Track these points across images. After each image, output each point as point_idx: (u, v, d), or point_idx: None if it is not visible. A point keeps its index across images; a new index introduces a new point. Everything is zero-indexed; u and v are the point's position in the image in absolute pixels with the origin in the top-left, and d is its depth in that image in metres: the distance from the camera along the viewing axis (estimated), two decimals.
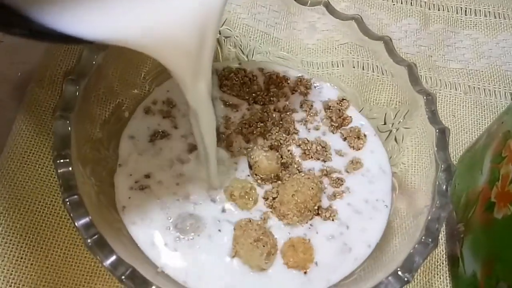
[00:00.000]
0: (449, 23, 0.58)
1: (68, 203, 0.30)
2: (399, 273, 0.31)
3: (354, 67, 0.47)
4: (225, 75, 0.46)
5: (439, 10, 0.59)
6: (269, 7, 0.50)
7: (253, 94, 0.45)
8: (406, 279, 0.31)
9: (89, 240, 0.30)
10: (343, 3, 0.56)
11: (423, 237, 0.33)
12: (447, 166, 0.35)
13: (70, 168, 0.31)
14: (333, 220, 0.39)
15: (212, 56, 0.29)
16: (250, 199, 0.38)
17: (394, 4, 0.58)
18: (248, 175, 0.41)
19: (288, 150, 0.42)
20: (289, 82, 0.47)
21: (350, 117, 0.45)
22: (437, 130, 0.37)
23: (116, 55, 0.38)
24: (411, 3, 0.59)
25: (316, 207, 0.39)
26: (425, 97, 0.38)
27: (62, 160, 0.32)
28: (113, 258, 0.30)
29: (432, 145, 0.37)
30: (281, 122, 0.44)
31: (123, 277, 0.29)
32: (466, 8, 0.59)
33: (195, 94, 0.30)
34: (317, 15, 0.46)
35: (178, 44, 0.26)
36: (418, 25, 0.57)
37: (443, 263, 0.45)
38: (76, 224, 0.30)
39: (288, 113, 0.44)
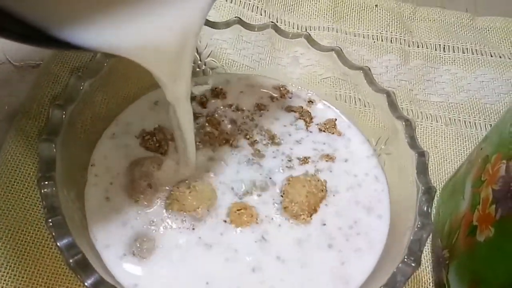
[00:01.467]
0: (428, 59, 0.61)
1: (50, 223, 0.31)
2: None
3: (337, 100, 0.49)
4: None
5: (418, 47, 0.62)
6: (253, 43, 0.52)
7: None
8: None
9: (71, 260, 0.30)
10: (325, 40, 0.59)
11: (405, 257, 0.33)
12: (428, 188, 0.36)
13: (54, 189, 0.32)
14: None
15: (192, 61, 0.31)
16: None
17: (374, 42, 0.61)
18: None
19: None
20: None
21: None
22: (416, 154, 0.38)
23: (103, 83, 0.39)
24: (391, 40, 0.61)
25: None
26: (403, 123, 0.40)
27: (46, 182, 0.32)
28: (95, 277, 0.30)
29: (412, 168, 0.38)
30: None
31: None
32: (444, 45, 0.62)
33: (175, 93, 0.32)
34: (300, 49, 0.48)
35: (161, 52, 0.28)
36: (399, 61, 0.60)
37: None
38: (58, 244, 0.30)
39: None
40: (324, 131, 0.45)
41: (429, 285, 0.46)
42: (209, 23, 0.45)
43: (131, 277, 0.35)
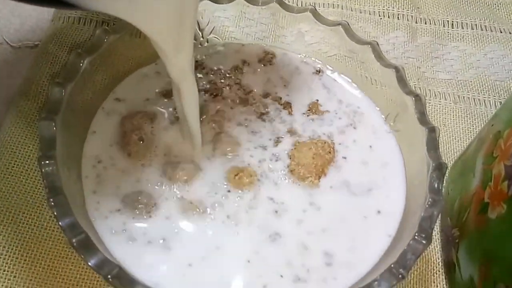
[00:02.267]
0: (436, 36, 0.60)
1: (52, 202, 0.30)
2: (394, 270, 0.31)
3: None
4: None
5: (426, 23, 0.61)
6: (256, 20, 0.51)
7: None
8: (400, 275, 0.31)
9: (74, 240, 0.30)
10: (330, 17, 0.58)
11: (416, 234, 0.33)
12: (438, 164, 0.36)
13: (55, 168, 0.31)
14: None
15: (194, 29, 0.30)
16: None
17: (381, 18, 0.60)
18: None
19: None
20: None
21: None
22: (426, 129, 0.37)
23: (103, 60, 0.38)
24: (398, 17, 0.60)
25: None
26: (413, 98, 0.39)
27: (47, 161, 0.32)
28: (99, 257, 0.29)
29: (422, 144, 0.37)
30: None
31: (109, 276, 0.29)
32: (453, 21, 0.61)
33: (177, 66, 0.31)
34: (304, 26, 0.47)
35: (160, 13, 0.28)
36: (406, 38, 0.59)
37: (439, 271, 0.45)
38: (60, 223, 0.30)
39: None
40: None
41: (438, 264, 0.45)
42: None
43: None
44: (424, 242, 0.33)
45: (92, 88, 0.39)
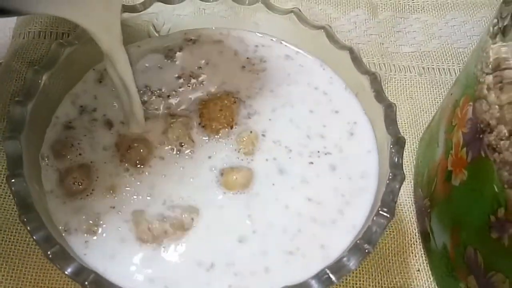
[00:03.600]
0: (397, 10, 0.61)
1: (24, 219, 0.32)
2: (360, 245, 0.33)
3: None
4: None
5: None
6: (216, 14, 0.52)
7: None
8: (366, 250, 0.33)
9: (49, 252, 0.31)
10: (290, 3, 0.59)
11: (379, 209, 0.35)
12: (397, 139, 0.37)
13: (24, 185, 0.33)
14: None
15: (120, 10, 0.35)
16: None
17: None
18: None
19: None
20: None
21: None
22: (383, 106, 0.39)
23: (61, 74, 0.40)
24: None
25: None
26: (368, 77, 0.41)
27: (15, 179, 0.33)
28: (75, 266, 0.31)
29: (381, 121, 0.39)
30: None
31: (86, 283, 0.31)
32: None
33: (109, 42, 0.35)
34: (260, 15, 0.48)
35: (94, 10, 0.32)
36: (367, 15, 0.60)
37: (416, 241, 0.47)
38: (34, 237, 0.31)
39: None
40: None
41: (415, 235, 0.47)
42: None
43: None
44: (387, 216, 0.35)
45: (54, 101, 0.40)
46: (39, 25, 0.54)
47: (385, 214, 0.35)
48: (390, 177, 0.36)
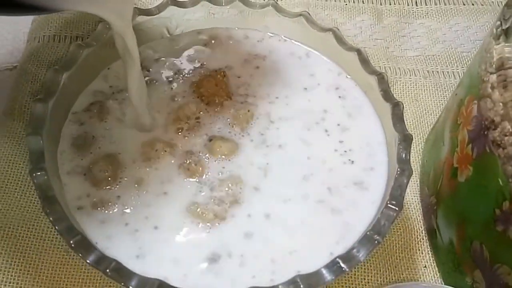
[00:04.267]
0: (401, 15, 0.63)
1: (47, 210, 0.34)
2: (369, 236, 0.35)
3: None
4: None
5: (390, 4, 0.64)
6: (226, 19, 0.54)
7: None
8: (376, 241, 0.35)
9: (72, 241, 0.33)
10: (297, 8, 0.61)
11: (388, 202, 0.36)
12: (404, 136, 0.39)
13: (46, 177, 0.35)
14: None
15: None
16: None
17: (346, 4, 0.64)
18: None
19: None
20: None
21: None
22: (391, 105, 0.41)
23: (79, 74, 0.42)
24: (362, 1, 0.64)
25: None
26: (376, 77, 0.42)
27: (38, 173, 0.35)
28: (96, 254, 0.33)
29: (389, 119, 0.41)
30: None
31: (107, 270, 0.32)
32: None
33: (122, 26, 0.37)
34: (269, 19, 0.50)
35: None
36: (372, 20, 0.62)
37: (423, 239, 0.49)
38: (57, 228, 0.33)
39: None
40: None
41: (422, 232, 0.49)
42: (177, 3, 0.47)
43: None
44: (396, 209, 0.36)
45: (71, 98, 0.42)
46: (54, 29, 0.56)
47: (393, 207, 0.36)
48: (398, 172, 0.38)
